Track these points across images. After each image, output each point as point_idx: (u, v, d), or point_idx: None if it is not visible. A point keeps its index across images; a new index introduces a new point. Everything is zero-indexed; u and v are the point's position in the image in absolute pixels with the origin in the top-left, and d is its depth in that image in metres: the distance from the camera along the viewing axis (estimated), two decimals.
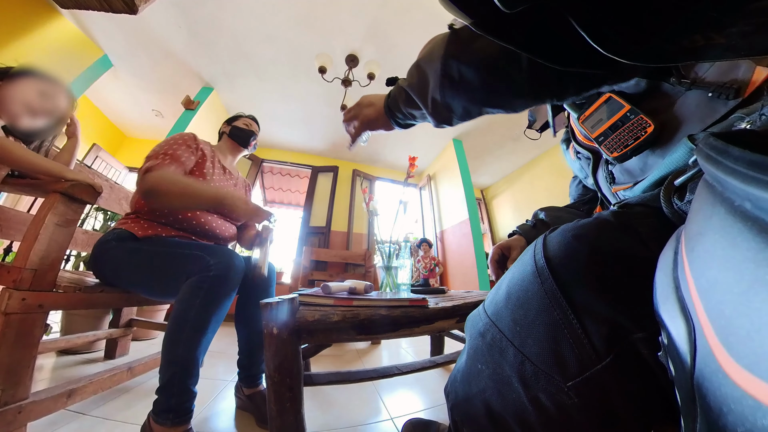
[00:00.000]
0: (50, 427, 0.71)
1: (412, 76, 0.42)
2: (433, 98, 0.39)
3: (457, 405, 0.36)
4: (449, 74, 0.36)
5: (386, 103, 0.49)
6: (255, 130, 1.19)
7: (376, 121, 0.52)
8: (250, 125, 1.18)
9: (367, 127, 0.54)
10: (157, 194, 0.78)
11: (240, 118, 1.18)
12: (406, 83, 0.43)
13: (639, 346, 0.25)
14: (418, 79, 0.40)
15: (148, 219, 0.87)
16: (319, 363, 1.44)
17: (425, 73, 0.39)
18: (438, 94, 0.38)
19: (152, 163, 0.82)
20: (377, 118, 0.51)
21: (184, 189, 0.81)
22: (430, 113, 0.41)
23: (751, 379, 0.10)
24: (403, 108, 0.45)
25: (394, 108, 0.47)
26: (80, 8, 1.70)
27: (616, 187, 0.52)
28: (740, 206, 0.13)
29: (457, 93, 0.37)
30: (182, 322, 0.67)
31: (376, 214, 0.99)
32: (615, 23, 0.17)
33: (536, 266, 0.31)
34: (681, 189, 0.29)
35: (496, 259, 0.71)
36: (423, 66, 0.40)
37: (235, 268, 0.74)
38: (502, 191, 4.29)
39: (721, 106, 0.35)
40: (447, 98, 0.38)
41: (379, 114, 0.50)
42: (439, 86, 0.38)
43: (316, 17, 2.03)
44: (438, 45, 0.38)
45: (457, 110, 0.39)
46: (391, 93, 0.48)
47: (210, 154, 1.03)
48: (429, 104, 0.40)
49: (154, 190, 0.78)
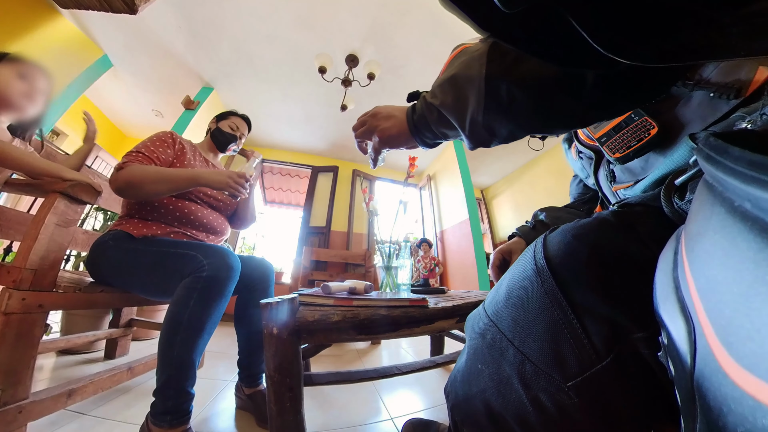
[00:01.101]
0: (50, 427, 0.71)
1: (445, 94, 0.37)
2: (473, 120, 0.35)
3: (457, 405, 0.36)
4: (496, 96, 0.33)
5: (412, 121, 0.43)
6: (240, 134, 1.16)
7: (398, 138, 0.46)
8: (237, 128, 1.15)
9: (387, 145, 0.48)
10: (132, 186, 0.80)
11: (230, 117, 1.16)
12: (438, 101, 0.38)
13: (639, 346, 0.25)
14: (454, 98, 0.36)
15: (142, 218, 0.88)
16: (319, 363, 1.44)
17: (463, 91, 0.35)
18: (480, 116, 0.34)
19: (124, 160, 0.84)
20: (399, 135, 0.45)
21: (157, 175, 0.82)
22: (468, 135, 0.37)
23: (751, 379, 0.10)
24: (435, 128, 0.41)
25: (422, 127, 0.42)
26: (80, 8, 1.70)
27: (617, 186, 0.52)
28: (740, 206, 0.13)
29: (504, 117, 0.34)
30: (176, 323, 0.66)
31: (376, 214, 0.99)
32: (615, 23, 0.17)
33: (536, 266, 0.31)
34: (681, 188, 0.29)
35: (498, 264, 0.71)
36: (460, 83, 0.35)
37: (229, 267, 0.73)
38: (502, 191, 4.29)
39: (723, 106, 0.35)
40: (491, 121, 0.34)
41: (401, 131, 0.45)
42: (483, 108, 0.34)
43: (316, 17, 2.03)
44: (475, 61, 0.34)
45: (501, 133, 0.36)
46: (417, 109, 0.43)
47: (191, 148, 1.04)
48: (467, 126, 0.36)
49: (129, 183, 0.80)
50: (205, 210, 0.98)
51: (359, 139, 0.52)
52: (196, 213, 0.95)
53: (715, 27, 0.15)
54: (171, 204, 0.90)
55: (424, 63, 2.34)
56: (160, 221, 0.89)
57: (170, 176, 0.84)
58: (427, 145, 0.45)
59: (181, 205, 0.91)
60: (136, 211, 0.89)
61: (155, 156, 0.89)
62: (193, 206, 0.95)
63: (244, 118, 1.19)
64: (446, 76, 0.37)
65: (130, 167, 0.81)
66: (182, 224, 0.92)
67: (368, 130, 0.49)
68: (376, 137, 0.48)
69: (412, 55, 2.29)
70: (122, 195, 0.83)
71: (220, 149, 1.14)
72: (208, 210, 0.99)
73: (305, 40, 2.20)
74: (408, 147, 0.47)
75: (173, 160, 0.96)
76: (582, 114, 0.33)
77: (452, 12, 0.20)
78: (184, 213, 0.92)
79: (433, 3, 1.81)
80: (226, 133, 1.13)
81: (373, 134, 0.48)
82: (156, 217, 0.89)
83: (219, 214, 1.04)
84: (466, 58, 0.36)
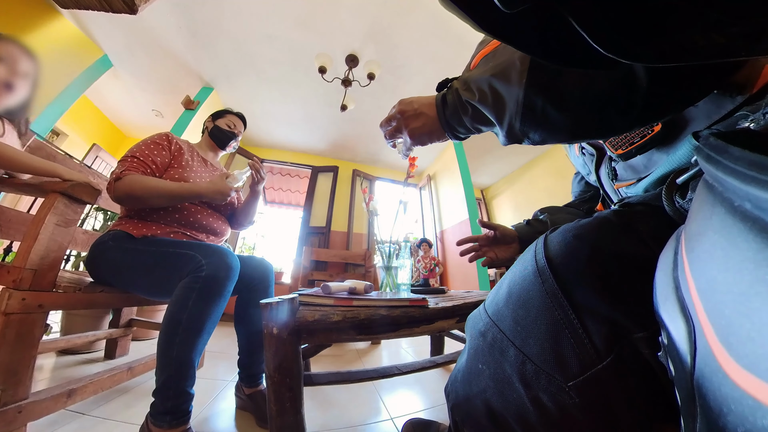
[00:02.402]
0: (50, 427, 0.71)
1: (483, 94, 0.37)
2: (511, 123, 0.35)
3: (457, 405, 0.36)
4: (532, 107, 0.32)
5: (444, 117, 0.42)
6: (237, 132, 1.17)
7: (429, 134, 0.45)
8: (234, 126, 1.16)
9: (419, 143, 0.47)
10: (132, 199, 0.82)
11: (225, 115, 1.16)
12: (475, 98, 0.37)
13: (639, 346, 0.25)
14: (494, 100, 0.36)
15: (142, 219, 0.88)
16: (319, 363, 1.44)
17: (501, 95, 0.35)
18: (518, 123, 0.34)
19: (120, 169, 0.84)
20: (431, 132, 0.45)
21: (157, 190, 0.83)
22: (505, 134, 0.37)
23: (751, 379, 0.10)
24: (470, 123, 0.40)
25: (454, 122, 0.42)
26: (80, 8, 1.70)
27: (619, 184, 0.52)
28: (740, 206, 0.13)
29: (539, 127, 0.34)
30: (175, 323, 0.66)
31: (376, 214, 0.99)
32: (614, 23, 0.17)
33: (537, 266, 0.31)
34: (683, 187, 0.29)
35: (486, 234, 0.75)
36: (497, 87, 0.35)
37: (228, 267, 0.73)
38: (502, 191, 4.29)
39: (727, 103, 0.35)
40: (525, 128, 0.35)
41: (433, 127, 0.44)
42: (520, 116, 0.34)
43: (316, 17, 2.03)
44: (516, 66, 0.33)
45: (535, 138, 0.36)
46: (450, 104, 0.41)
47: (188, 148, 1.04)
48: (506, 125, 0.36)
49: (129, 195, 0.81)
50: (204, 211, 0.98)
51: (389, 139, 0.51)
52: (196, 214, 0.95)
53: (715, 27, 0.15)
54: (170, 205, 0.90)
55: (424, 63, 2.34)
56: (160, 222, 0.89)
57: (170, 192, 0.85)
58: (459, 138, 0.45)
59: (180, 206, 0.91)
60: (136, 212, 0.89)
61: (150, 160, 0.89)
62: (192, 207, 0.95)
63: (239, 116, 1.20)
64: (483, 74, 0.37)
65: (129, 178, 0.81)
66: (182, 225, 0.92)
67: (397, 130, 0.48)
68: (407, 137, 0.47)
69: (412, 55, 2.29)
70: (121, 204, 0.84)
71: (220, 147, 1.14)
72: (207, 211, 0.99)
73: (305, 40, 2.20)
74: (440, 141, 0.47)
75: (170, 161, 0.96)
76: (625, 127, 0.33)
77: (452, 12, 0.20)
78: (184, 214, 0.92)
79: (433, 3, 1.81)
80: (225, 130, 1.13)
81: (403, 133, 0.48)
82: (156, 218, 0.89)
83: (218, 215, 1.04)
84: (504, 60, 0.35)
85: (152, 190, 0.82)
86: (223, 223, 1.06)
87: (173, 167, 0.95)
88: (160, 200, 0.84)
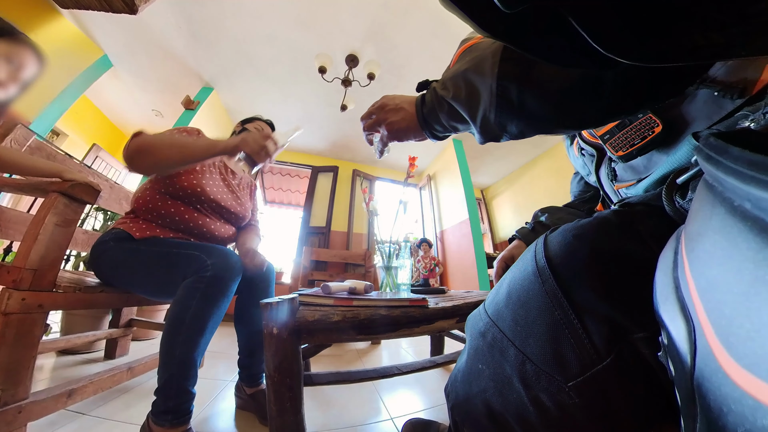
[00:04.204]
0: (50, 427, 0.71)
1: (457, 88, 0.37)
2: (486, 117, 0.35)
3: (457, 405, 0.36)
4: (507, 97, 0.32)
5: (422, 114, 0.42)
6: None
7: (406, 131, 0.45)
8: (262, 131, 1.14)
9: (396, 138, 0.46)
10: (143, 151, 0.74)
11: (254, 121, 1.15)
12: (449, 95, 0.38)
13: (639, 346, 0.25)
14: (467, 93, 0.36)
15: (147, 220, 0.87)
16: (319, 363, 1.44)
17: (475, 87, 0.34)
18: (492, 114, 0.34)
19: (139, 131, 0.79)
20: (408, 128, 0.44)
21: (170, 140, 0.76)
22: (479, 130, 0.37)
23: (751, 379, 0.10)
24: (445, 121, 0.40)
25: (431, 119, 0.42)
26: (80, 8, 1.70)
27: (619, 185, 0.52)
28: (740, 206, 0.13)
29: (516, 117, 0.34)
30: (179, 323, 0.66)
31: (376, 214, 0.99)
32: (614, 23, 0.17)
33: (537, 266, 0.31)
34: (683, 187, 0.29)
35: (501, 275, 0.71)
36: (471, 79, 0.35)
37: (232, 268, 0.73)
38: (502, 191, 4.29)
39: (728, 104, 0.35)
40: (502, 119, 0.34)
41: (411, 123, 0.44)
42: (495, 107, 0.33)
43: (316, 17, 2.03)
44: (488, 58, 0.33)
45: (512, 131, 0.36)
46: (427, 101, 0.42)
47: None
48: (478, 121, 0.36)
49: (139, 148, 0.74)
50: (216, 222, 0.96)
51: (367, 131, 0.51)
52: (209, 225, 0.93)
53: (714, 27, 0.15)
54: (178, 214, 0.88)
55: (424, 63, 2.34)
56: (166, 227, 0.87)
57: (184, 142, 0.77)
58: (436, 138, 0.45)
59: (188, 217, 0.89)
60: (144, 213, 0.86)
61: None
62: (206, 218, 0.93)
63: (268, 122, 1.18)
64: (458, 69, 0.37)
65: (144, 135, 0.76)
66: (191, 235, 0.90)
67: (376, 123, 0.48)
68: (384, 130, 0.47)
69: (412, 55, 2.29)
70: (133, 166, 0.76)
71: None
72: (219, 222, 0.97)
73: (305, 40, 2.20)
74: (417, 140, 0.46)
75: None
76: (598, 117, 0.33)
77: (452, 12, 0.20)
78: (198, 225, 0.90)
79: (433, 3, 1.81)
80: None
81: (381, 126, 0.47)
82: (162, 224, 0.87)
83: (230, 226, 1.02)
84: (478, 54, 0.35)
85: (165, 140, 0.75)
86: (232, 232, 1.03)
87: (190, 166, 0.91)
88: (172, 151, 0.75)
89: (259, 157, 0.78)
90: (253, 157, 0.77)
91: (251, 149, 0.77)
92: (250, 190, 1.20)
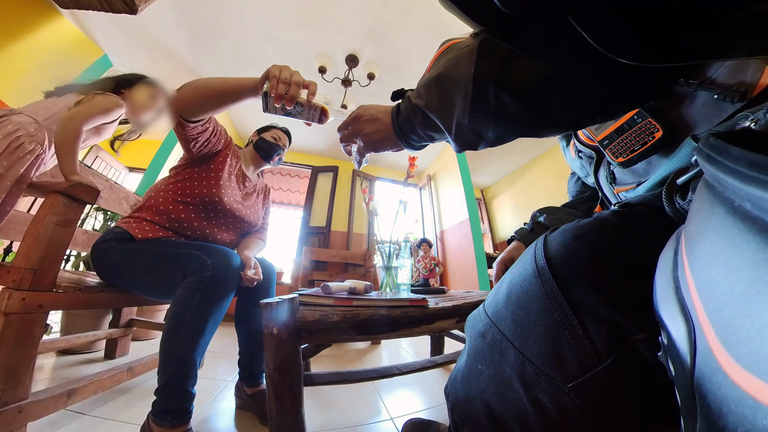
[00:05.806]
0: (50, 427, 0.71)
1: (430, 95, 0.35)
2: (460, 123, 0.34)
3: (457, 405, 0.36)
4: (483, 99, 0.31)
5: (397, 123, 0.41)
6: (283, 145, 1.15)
7: (383, 141, 0.44)
8: (279, 139, 1.14)
9: (372, 149, 0.46)
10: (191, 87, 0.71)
11: (271, 129, 1.15)
12: (422, 102, 0.36)
13: (639, 347, 0.25)
14: (440, 100, 0.34)
15: (152, 222, 0.86)
16: (319, 363, 1.44)
17: (449, 92, 0.33)
18: (467, 119, 0.33)
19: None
20: (384, 139, 0.43)
21: (207, 80, 0.71)
22: (454, 138, 0.36)
23: (751, 379, 0.10)
24: (420, 130, 0.39)
25: (407, 129, 0.40)
26: (80, 8, 1.70)
27: (619, 188, 0.51)
28: (740, 206, 0.13)
29: (492, 120, 0.32)
30: (179, 323, 0.66)
31: (376, 214, 0.99)
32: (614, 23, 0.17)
33: (537, 266, 0.31)
34: (683, 187, 0.29)
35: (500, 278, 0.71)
36: (445, 84, 0.34)
37: (232, 268, 0.73)
38: (502, 191, 4.29)
39: (728, 107, 0.35)
40: (478, 125, 0.33)
41: (386, 134, 0.43)
42: (469, 111, 0.32)
43: (316, 17, 2.03)
44: (463, 59, 0.32)
45: (488, 137, 0.34)
46: (402, 111, 0.41)
47: (234, 155, 1.02)
48: (453, 129, 0.35)
49: (180, 96, 0.71)
50: (224, 233, 0.96)
51: (344, 143, 0.50)
52: (216, 235, 0.93)
53: (714, 27, 0.15)
54: (187, 221, 0.87)
55: (424, 63, 2.33)
56: (172, 231, 0.87)
57: (221, 80, 0.70)
58: (413, 147, 0.44)
59: (197, 224, 0.89)
60: (152, 214, 0.86)
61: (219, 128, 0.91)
62: (214, 227, 0.92)
63: (284, 131, 1.18)
64: (432, 75, 0.36)
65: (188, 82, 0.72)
66: (191, 237, 0.90)
67: (352, 134, 0.47)
68: (360, 141, 0.46)
69: (412, 55, 2.29)
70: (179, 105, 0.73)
71: (265, 158, 1.11)
72: (228, 232, 0.97)
73: (305, 40, 2.20)
74: (394, 150, 0.45)
75: (217, 154, 0.95)
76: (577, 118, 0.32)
77: (452, 11, 0.20)
78: (206, 234, 0.90)
79: (433, 3, 1.81)
80: (270, 142, 1.10)
81: (357, 138, 0.46)
82: (168, 228, 0.86)
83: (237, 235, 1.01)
84: (454, 55, 0.34)
85: (202, 79, 0.72)
86: (234, 237, 1.02)
87: (206, 171, 0.92)
88: (209, 84, 0.70)
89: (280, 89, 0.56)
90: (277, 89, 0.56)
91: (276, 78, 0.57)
92: (264, 195, 1.19)
